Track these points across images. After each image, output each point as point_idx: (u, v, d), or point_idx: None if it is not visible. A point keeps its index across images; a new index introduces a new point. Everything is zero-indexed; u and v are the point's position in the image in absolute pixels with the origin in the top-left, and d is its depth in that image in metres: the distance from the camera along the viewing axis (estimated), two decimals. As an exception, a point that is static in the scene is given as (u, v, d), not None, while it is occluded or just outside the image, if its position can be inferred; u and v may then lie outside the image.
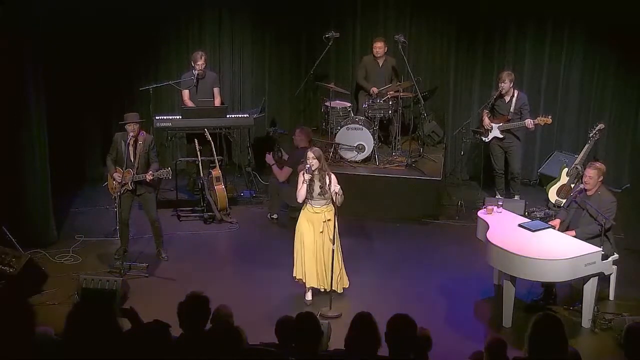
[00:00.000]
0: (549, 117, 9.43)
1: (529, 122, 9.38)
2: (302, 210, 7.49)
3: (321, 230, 7.34)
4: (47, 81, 8.64)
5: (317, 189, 7.27)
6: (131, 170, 8.01)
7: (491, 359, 4.93)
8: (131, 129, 8.00)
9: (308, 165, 7.23)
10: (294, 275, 7.57)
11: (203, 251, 8.81)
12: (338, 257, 7.42)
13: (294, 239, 7.57)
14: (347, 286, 7.66)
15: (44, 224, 8.69)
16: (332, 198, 7.24)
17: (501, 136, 9.65)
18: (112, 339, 4.10)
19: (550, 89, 10.71)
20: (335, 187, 7.24)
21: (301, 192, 7.31)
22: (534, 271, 6.89)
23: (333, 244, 7.22)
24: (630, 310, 7.25)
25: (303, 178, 7.27)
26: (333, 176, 7.38)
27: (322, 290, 7.50)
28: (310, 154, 7.27)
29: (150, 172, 8.01)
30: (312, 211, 7.36)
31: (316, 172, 7.26)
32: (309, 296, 7.56)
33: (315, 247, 7.39)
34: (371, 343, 4.31)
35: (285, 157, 9.88)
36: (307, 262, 7.39)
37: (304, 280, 7.49)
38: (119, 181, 7.99)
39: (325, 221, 7.33)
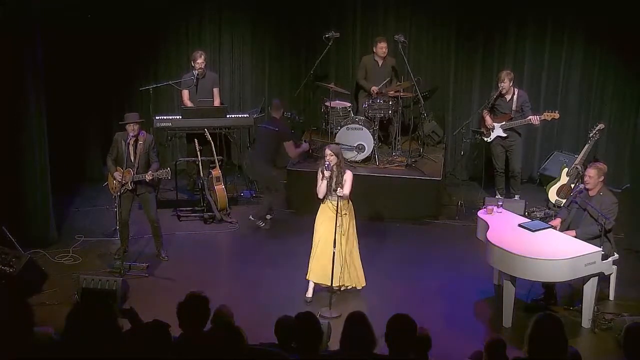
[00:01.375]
0: (557, 112, 9.42)
1: (534, 118, 9.36)
2: (320, 207, 7.54)
3: (340, 224, 7.35)
4: (47, 81, 8.64)
5: (334, 185, 7.35)
6: (131, 170, 8.01)
7: (490, 359, 4.93)
8: (131, 128, 8.00)
9: (327, 162, 7.29)
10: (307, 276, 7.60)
11: (203, 251, 8.81)
12: (354, 254, 7.51)
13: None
14: (364, 284, 7.67)
15: (44, 224, 8.69)
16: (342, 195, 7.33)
17: (504, 135, 9.64)
18: (112, 339, 4.10)
19: (550, 89, 10.71)
20: (345, 189, 7.27)
21: (321, 188, 7.39)
22: (534, 271, 6.89)
23: (334, 247, 7.23)
24: (630, 310, 7.26)
25: (322, 175, 7.35)
26: (349, 172, 7.43)
27: (338, 288, 7.52)
28: (327, 151, 7.38)
29: (150, 172, 8.01)
30: (330, 207, 7.41)
31: (334, 169, 7.32)
32: (309, 293, 7.57)
33: (330, 243, 7.35)
34: (365, 342, 4.31)
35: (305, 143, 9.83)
36: (314, 258, 7.47)
37: (309, 278, 7.57)
38: (120, 180, 7.99)
39: (342, 215, 7.36)
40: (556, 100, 10.69)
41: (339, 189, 7.25)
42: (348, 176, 7.37)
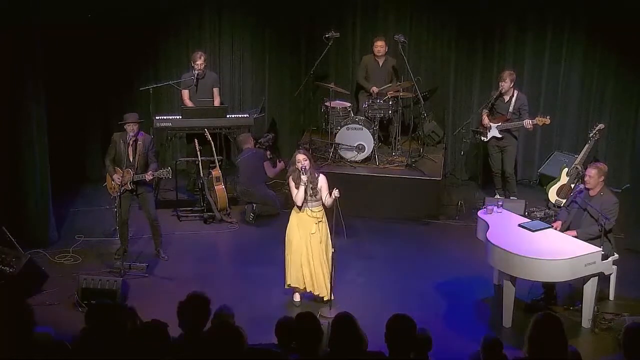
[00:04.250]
0: (548, 117, 9.43)
1: (527, 122, 9.38)
2: (292, 214, 7.37)
3: (313, 232, 7.23)
4: (47, 81, 8.64)
5: (309, 190, 7.18)
6: (130, 170, 8.00)
7: (488, 359, 4.93)
8: (130, 129, 8.00)
9: (303, 166, 7.11)
10: (287, 284, 7.47)
11: (203, 251, 8.81)
12: (333, 260, 7.35)
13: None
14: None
15: (44, 224, 8.68)
16: (322, 200, 7.20)
17: (499, 136, 9.66)
18: (121, 339, 4.12)
19: (550, 89, 10.71)
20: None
21: (300, 194, 7.16)
22: (534, 271, 6.89)
23: (332, 248, 7.19)
24: (630, 310, 7.26)
25: (300, 181, 7.13)
26: (323, 176, 7.29)
27: (315, 293, 7.42)
28: (300, 156, 7.17)
29: (150, 172, 8.01)
30: (305, 213, 7.25)
31: (310, 173, 7.17)
32: (296, 297, 7.53)
33: (306, 251, 7.27)
34: (354, 343, 4.30)
35: (280, 162, 9.96)
36: (294, 265, 7.32)
37: (293, 285, 7.43)
38: (119, 182, 7.99)
39: (317, 222, 7.25)
40: (556, 101, 10.69)
41: (326, 198, 7.13)
42: (324, 181, 7.23)
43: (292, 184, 7.24)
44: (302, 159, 7.14)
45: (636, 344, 4.25)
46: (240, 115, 10.17)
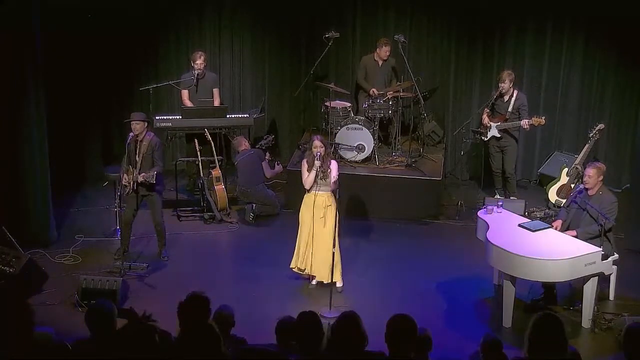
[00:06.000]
0: (543, 118, 9.43)
1: (523, 123, 9.39)
2: (304, 198, 7.62)
3: (322, 216, 7.48)
4: (47, 81, 8.64)
5: (319, 174, 7.42)
6: (134, 171, 7.99)
7: (487, 358, 4.93)
8: (133, 127, 8.00)
9: (318, 152, 7.34)
10: (291, 266, 7.77)
11: (203, 251, 8.82)
12: (337, 254, 7.50)
13: (294, 239, 7.66)
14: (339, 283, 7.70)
15: (44, 224, 8.68)
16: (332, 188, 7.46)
17: (499, 135, 9.66)
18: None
19: (550, 89, 10.71)
20: (332, 178, 7.42)
21: (309, 178, 7.44)
22: (534, 271, 6.89)
23: (334, 247, 7.25)
24: (630, 310, 7.26)
25: (313, 165, 7.37)
26: (334, 162, 7.55)
27: (312, 274, 7.70)
28: (316, 142, 7.42)
29: (143, 174, 7.95)
30: (313, 197, 7.48)
31: (323, 159, 7.39)
32: (313, 281, 7.79)
33: (310, 232, 7.54)
34: (358, 342, 4.29)
35: (278, 165, 10.00)
36: (302, 246, 7.63)
37: (298, 267, 7.73)
38: (124, 182, 8.00)
39: (326, 207, 7.47)
40: (556, 100, 10.70)
41: (331, 181, 7.40)
42: (334, 165, 7.51)
43: (305, 167, 7.51)
44: (318, 145, 7.42)
45: (636, 344, 4.25)
46: (240, 115, 10.17)
